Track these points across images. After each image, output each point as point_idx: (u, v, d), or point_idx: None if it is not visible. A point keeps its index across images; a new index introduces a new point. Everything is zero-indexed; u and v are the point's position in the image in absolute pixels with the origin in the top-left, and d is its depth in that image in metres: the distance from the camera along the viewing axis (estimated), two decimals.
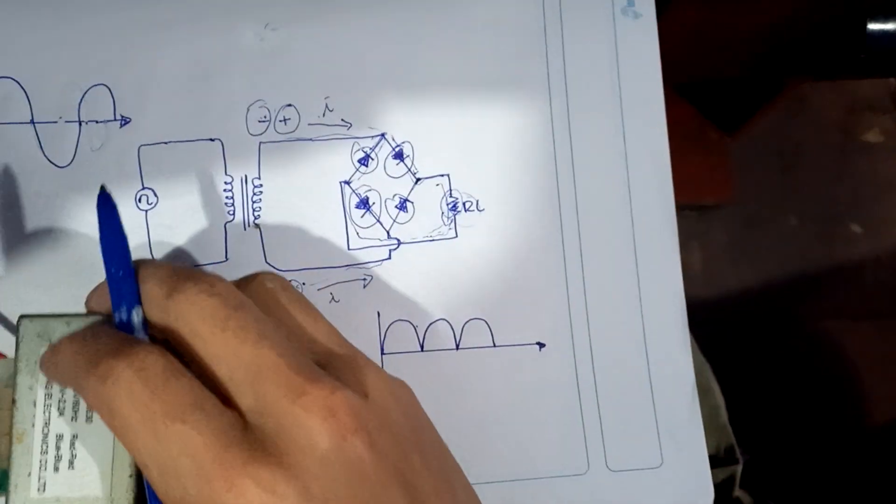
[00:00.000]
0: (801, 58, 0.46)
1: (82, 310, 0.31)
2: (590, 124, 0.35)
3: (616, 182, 0.35)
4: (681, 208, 0.35)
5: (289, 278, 0.33)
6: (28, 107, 0.32)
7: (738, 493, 0.51)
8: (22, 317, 0.27)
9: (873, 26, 0.39)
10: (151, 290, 0.25)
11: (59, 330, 0.27)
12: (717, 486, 0.34)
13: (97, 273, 0.31)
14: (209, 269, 0.32)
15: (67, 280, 0.31)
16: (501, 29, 0.35)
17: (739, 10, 0.45)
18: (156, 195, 0.32)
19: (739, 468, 0.51)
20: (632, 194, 0.35)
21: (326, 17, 0.34)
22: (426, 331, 0.33)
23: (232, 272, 0.32)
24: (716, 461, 0.34)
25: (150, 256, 0.32)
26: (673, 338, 0.34)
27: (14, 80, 0.32)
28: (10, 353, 0.28)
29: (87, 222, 0.32)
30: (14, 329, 0.31)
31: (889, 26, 0.39)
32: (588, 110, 0.35)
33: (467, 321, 0.34)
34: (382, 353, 0.33)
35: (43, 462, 0.26)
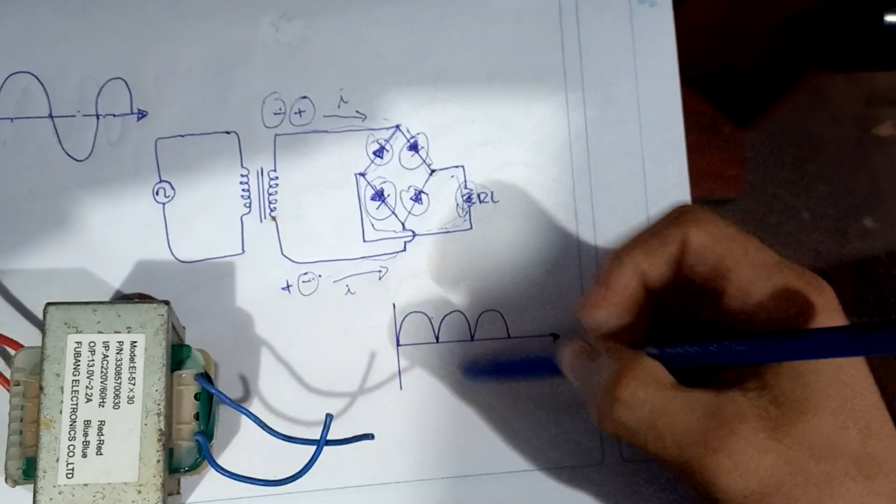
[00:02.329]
0: (818, 50, 0.46)
1: (100, 299, 0.31)
2: (606, 115, 0.35)
3: (632, 173, 0.35)
4: (694, 201, 0.35)
5: (304, 270, 0.33)
6: (46, 101, 0.32)
7: None
8: (48, 304, 0.27)
9: (891, 18, 0.39)
10: None
11: (86, 317, 0.27)
12: None
13: (114, 263, 0.32)
14: (225, 261, 0.33)
15: (86, 271, 0.32)
16: (517, 20, 0.35)
17: (756, 3, 0.44)
18: (173, 188, 0.33)
19: None
20: (647, 186, 0.35)
21: (342, 9, 0.34)
22: (441, 322, 0.34)
23: (248, 264, 0.33)
24: None
25: (167, 249, 0.32)
26: None
27: (32, 74, 0.32)
28: (28, 342, 0.29)
29: (104, 215, 0.32)
30: (33, 320, 0.31)
31: None
32: (604, 101, 0.35)
33: (482, 313, 0.34)
34: (398, 345, 0.33)
35: (71, 448, 0.26)
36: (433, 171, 0.34)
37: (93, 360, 0.27)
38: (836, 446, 0.23)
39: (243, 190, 0.33)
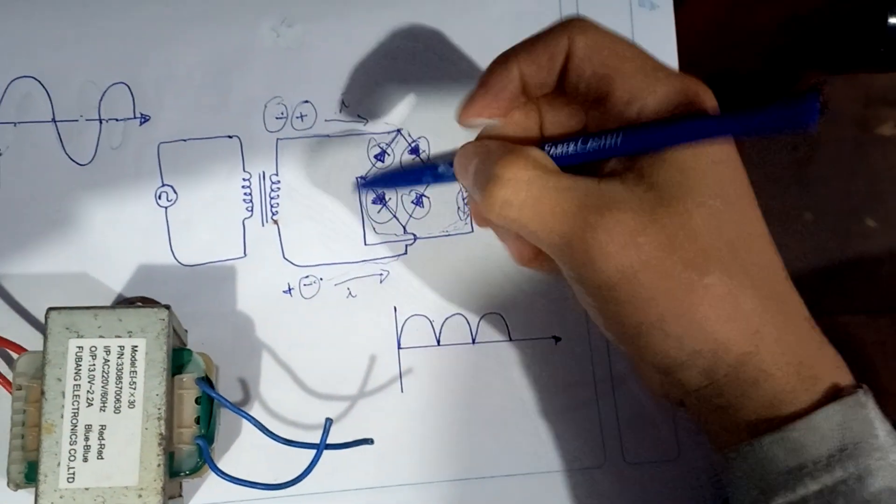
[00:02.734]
0: (818, 52, 0.46)
1: (102, 303, 0.31)
2: None
3: None
4: None
5: (305, 273, 0.33)
6: (49, 105, 0.32)
7: None
8: (50, 309, 0.27)
9: (894, 20, 0.39)
10: None
11: (87, 322, 0.27)
12: None
13: (116, 267, 0.32)
14: (227, 265, 0.33)
15: (88, 274, 0.32)
16: (518, 22, 0.35)
17: (756, 5, 0.45)
18: (175, 192, 0.33)
19: None
20: None
21: (342, 13, 0.34)
22: (443, 325, 0.34)
23: (250, 267, 0.33)
24: None
25: (169, 253, 0.32)
26: None
27: (35, 79, 0.32)
28: (31, 346, 0.29)
29: (106, 219, 0.32)
30: (35, 324, 0.31)
31: None
32: None
33: (483, 315, 0.34)
34: (399, 348, 0.33)
35: (72, 452, 0.26)
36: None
37: (94, 365, 0.27)
38: (711, 230, 0.24)
39: (245, 194, 0.33)
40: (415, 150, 0.34)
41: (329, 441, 0.28)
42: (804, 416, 0.24)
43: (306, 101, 0.34)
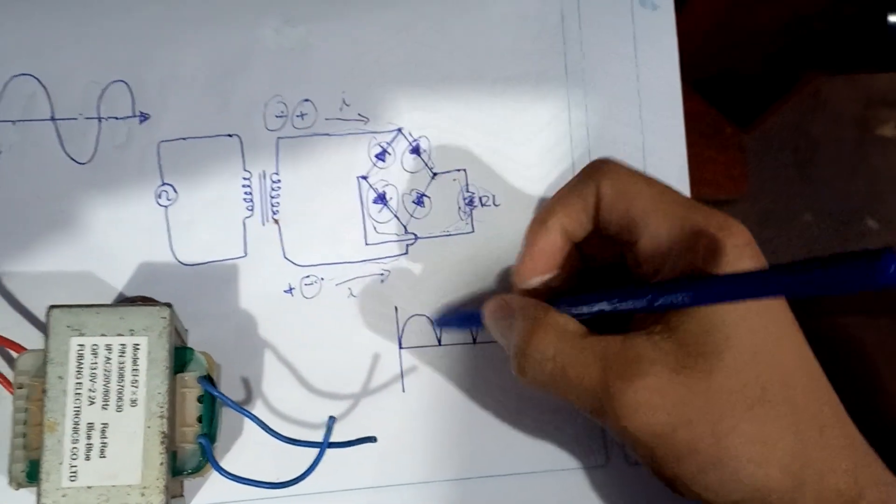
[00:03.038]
0: (818, 52, 0.46)
1: (102, 303, 0.31)
2: (607, 119, 0.35)
3: None
4: None
5: (306, 273, 0.33)
6: (49, 104, 0.32)
7: None
8: (52, 307, 0.27)
9: (895, 19, 0.39)
10: None
11: (89, 320, 0.27)
12: None
13: (116, 266, 0.32)
14: (228, 264, 0.33)
15: (89, 274, 0.32)
16: (519, 23, 0.35)
17: (756, 6, 0.45)
18: (175, 191, 0.33)
19: None
20: None
21: (343, 13, 0.34)
22: (440, 316, 0.34)
23: (251, 267, 0.33)
24: None
25: (170, 252, 0.32)
26: None
27: (35, 77, 0.32)
28: (31, 345, 0.29)
29: (106, 218, 0.32)
30: (36, 323, 0.31)
31: None
32: (606, 105, 0.35)
33: None
34: (400, 348, 0.33)
35: (74, 451, 0.26)
36: (435, 174, 0.34)
37: (96, 363, 0.27)
38: (738, 384, 0.24)
39: (246, 193, 0.33)
40: (416, 150, 0.34)
41: (332, 440, 0.28)
42: None
43: (307, 100, 0.34)
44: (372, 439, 0.29)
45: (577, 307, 0.27)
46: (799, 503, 0.24)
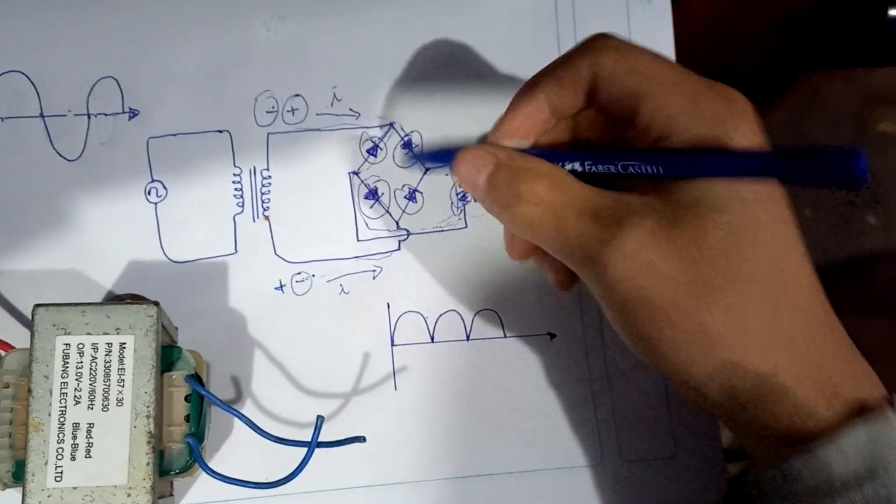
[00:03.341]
0: (816, 49, 0.45)
1: (92, 300, 0.31)
2: None
3: None
4: None
5: (297, 270, 0.33)
6: (37, 100, 0.32)
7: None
8: (37, 306, 0.27)
9: (895, 13, 0.38)
10: None
11: (75, 319, 0.27)
12: (730, 480, 0.33)
13: (106, 264, 0.32)
14: (218, 262, 0.32)
15: (78, 271, 0.31)
16: (512, 17, 0.35)
17: (754, 2, 0.44)
18: (165, 187, 0.32)
19: None
20: None
21: (333, 8, 0.34)
22: (436, 322, 0.33)
23: (241, 264, 0.32)
24: (731, 455, 0.34)
25: (160, 249, 0.32)
26: None
27: (23, 73, 0.32)
28: (19, 344, 0.28)
29: (96, 215, 0.32)
30: (25, 321, 0.31)
31: None
32: None
33: (478, 312, 0.33)
34: (393, 345, 0.33)
35: (60, 451, 0.26)
36: (427, 169, 0.34)
37: (81, 362, 0.27)
38: (727, 248, 0.24)
39: (236, 189, 0.33)
40: (407, 145, 0.34)
41: (321, 439, 0.27)
42: (830, 436, 0.24)
43: (297, 95, 0.33)
44: (361, 439, 0.28)
45: (572, 163, 0.26)
46: (770, 382, 0.24)
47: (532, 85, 0.27)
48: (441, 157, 0.29)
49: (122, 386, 0.27)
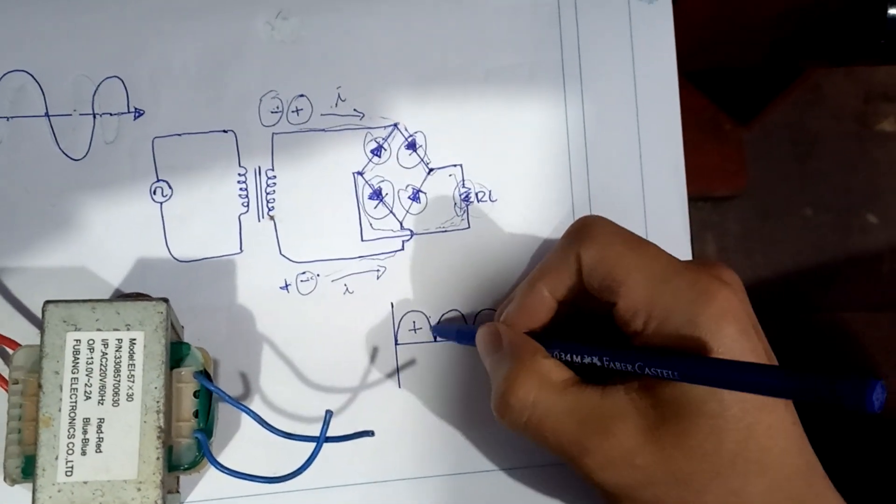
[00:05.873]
0: (818, 45, 0.46)
1: (98, 297, 0.31)
2: (604, 112, 0.35)
3: (629, 171, 0.35)
4: (695, 199, 0.35)
5: (302, 269, 0.33)
6: (42, 100, 0.32)
7: None
8: (47, 302, 0.27)
9: (894, 11, 0.38)
10: None
11: (85, 315, 0.27)
12: None
13: (111, 262, 0.32)
14: (223, 261, 0.33)
15: (84, 270, 0.32)
16: (515, 16, 0.35)
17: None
18: (170, 187, 0.33)
19: None
20: (644, 184, 0.35)
21: (338, 6, 0.34)
22: (439, 321, 0.34)
23: (246, 263, 0.33)
24: None
25: (165, 248, 0.32)
26: None
27: (28, 73, 0.32)
28: (26, 341, 0.29)
29: (101, 214, 0.32)
30: (32, 319, 0.31)
31: None
32: (602, 98, 0.35)
33: (480, 311, 0.34)
34: (396, 344, 0.33)
35: (70, 446, 0.26)
36: (431, 169, 0.34)
37: (91, 358, 0.27)
38: (710, 448, 0.25)
39: (241, 189, 0.33)
40: (412, 145, 0.34)
41: (328, 434, 0.28)
42: None
43: (302, 95, 0.34)
44: (369, 433, 0.29)
45: (569, 354, 0.28)
46: None
47: (534, 281, 0.29)
48: (457, 335, 0.32)
49: (132, 381, 0.27)
